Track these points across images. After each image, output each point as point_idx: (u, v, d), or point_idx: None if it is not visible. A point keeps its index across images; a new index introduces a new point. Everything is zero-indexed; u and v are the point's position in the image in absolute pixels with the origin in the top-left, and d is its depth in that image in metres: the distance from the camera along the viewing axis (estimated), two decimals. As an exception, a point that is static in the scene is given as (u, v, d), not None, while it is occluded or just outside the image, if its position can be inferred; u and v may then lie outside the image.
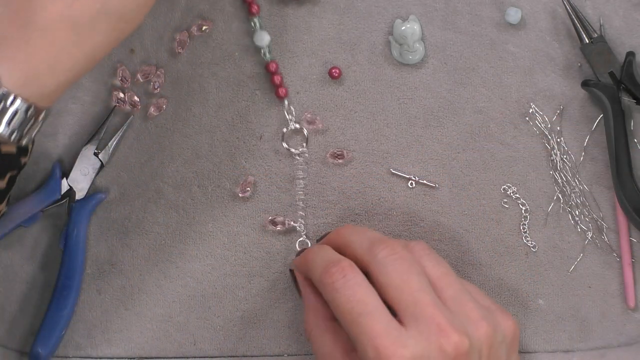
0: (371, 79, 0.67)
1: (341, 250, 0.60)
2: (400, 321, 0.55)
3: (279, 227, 0.67)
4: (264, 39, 0.66)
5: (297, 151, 0.67)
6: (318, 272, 0.58)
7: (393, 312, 0.55)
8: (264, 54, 0.67)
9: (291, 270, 0.65)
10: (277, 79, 0.67)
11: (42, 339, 0.65)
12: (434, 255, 0.59)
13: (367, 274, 0.57)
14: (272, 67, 0.67)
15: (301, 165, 0.67)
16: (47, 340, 0.65)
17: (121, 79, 0.67)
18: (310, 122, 0.67)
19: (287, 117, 0.67)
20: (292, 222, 0.67)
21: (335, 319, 0.58)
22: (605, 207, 0.67)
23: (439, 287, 0.57)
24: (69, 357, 0.67)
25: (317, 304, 0.61)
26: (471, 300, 0.57)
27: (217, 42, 0.68)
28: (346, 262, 0.57)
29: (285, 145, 0.67)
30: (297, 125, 0.67)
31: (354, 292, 0.55)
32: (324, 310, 0.60)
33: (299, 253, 0.66)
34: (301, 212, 0.67)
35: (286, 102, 0.67)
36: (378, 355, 0.53)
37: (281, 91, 0.67)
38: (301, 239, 0.67)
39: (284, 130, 0.67)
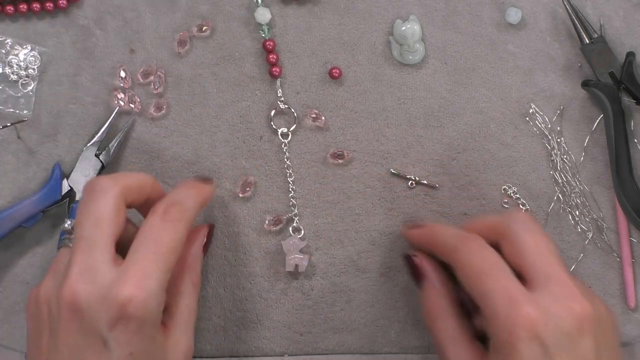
0: (371, 79, 0.68)
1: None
2: (529, 283, 0.56)
3: (279, 226, 0.67)
4: (265, 15, 0.66)
5: (282, 131, 0.67)
6: (452, 240, 0.59)
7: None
8: (263, 32, 0.67)
9: (408, 256, 0.63)
10: (272, 57, 0.67)
11: (42, 339, 0.65)
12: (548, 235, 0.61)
13: (499, 244, 0.58)
14: (269, 45, 0.67)
15: (285, 146, 0.67)
16: (47, 340, 0.65)
17: (121, 80, 0.67)
18: (315, 119, 0.67)
19: (278, 96, 0.67)
20: (285, 216, 0.67)
21: (459, 305, 0.60)
22: (605, 207, 0.67)
23: None
24: (69, 357, 0.67)
25: (443, 288, 0.61)
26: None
27: (218, 43, 0.68)
28: (479, 236, 0.58)
29: (273, 124, 0.67)
30: (286, 106, 0.67)
31: (487, 256, 0.57)
32: (450, 293, 0.61)
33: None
34: (293, 200, 0.67)
35: (278, 82, 0.67)
36: (512, 306, 0.54)
37: (275, 70, 0.67)
38: (294, 224, 0.67)
39: (273, 110, 0.67)
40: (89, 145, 0.67)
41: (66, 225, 0.61)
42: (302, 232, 0.67)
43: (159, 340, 0.56)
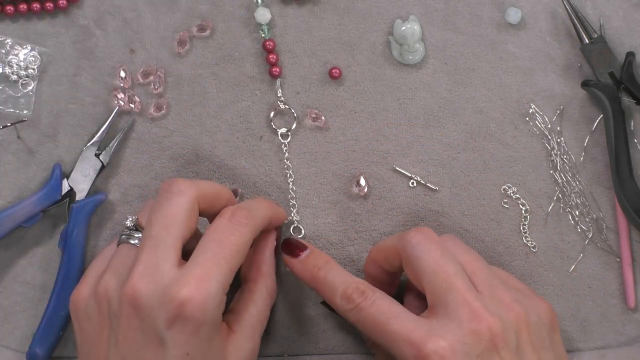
0: (371, 79, 0.68)
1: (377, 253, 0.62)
2: (430, 308, 0.56)
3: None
4: (265, 15, 0.66)
5: (282, 131, 0.67)
6: (338, 299, 0.59)
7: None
8: (263, 32, 0.67)
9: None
10: (272, 57, 0.67)
11: (40, 339, 0.65)
12: (463, 243, 0.60)
13: (402, 261, 0.59)
14: (269, 45, 0.67)
15: (285, 146, 0.67)
16: (45, 340, 0.65)
17: (121, 80, 0.67)
18: (315, 119, 0.67)
19: (278, 96, 0.67)
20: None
21: None
22: (605, 207, 0.67)
23: (470, 272, 0.58)
24: (67, 357, 0.67)
25: None
26: (502, 284, 0.58)
27: (218, 43, 0.68)
28: (359, 282, 0.58)
29: (273, 125, 0.67)
30: (286, 106, 0.67)
31: (377, 306, 0.57)
32: None
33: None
34: (292, 201, 0.67)
35: (278, 82, 0.67)
36: (416, 350, 0.54)
37: (274, 70, 0.67)
38: (294, 225, 0.67)
39: (273, 110, 0.67)
40: (89, 145, 0.67)
41: (127, 222, 0.60)
42: (302, 232, 0.67)
43: (217, 343, 0.56)
